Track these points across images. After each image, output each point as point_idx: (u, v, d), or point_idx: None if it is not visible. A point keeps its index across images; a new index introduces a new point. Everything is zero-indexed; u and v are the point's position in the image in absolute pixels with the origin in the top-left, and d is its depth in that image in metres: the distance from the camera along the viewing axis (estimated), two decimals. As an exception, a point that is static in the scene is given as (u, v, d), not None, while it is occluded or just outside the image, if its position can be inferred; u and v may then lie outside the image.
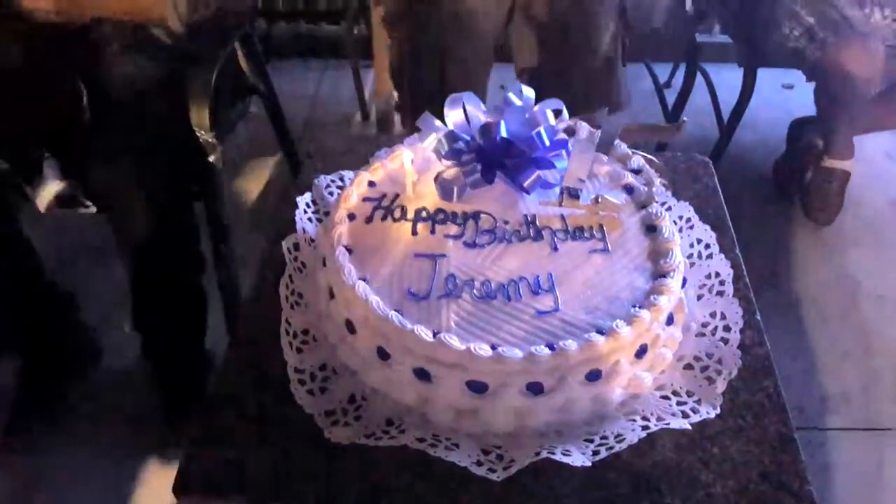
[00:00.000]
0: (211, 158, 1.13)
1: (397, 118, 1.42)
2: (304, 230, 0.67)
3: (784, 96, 1.91)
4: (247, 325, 0.66)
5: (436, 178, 0.63)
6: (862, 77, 1.36)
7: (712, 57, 1.76)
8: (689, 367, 0.58)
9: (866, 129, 1.53)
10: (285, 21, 2.03)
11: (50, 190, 1.08)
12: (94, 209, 1.10)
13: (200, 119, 1.10)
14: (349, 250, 0.59)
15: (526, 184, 0.61)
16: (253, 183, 1.62)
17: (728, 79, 1.59)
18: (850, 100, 1.41)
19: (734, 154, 1.62)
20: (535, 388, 0.52)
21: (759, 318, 0.62)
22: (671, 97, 1.73)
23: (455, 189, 0.61)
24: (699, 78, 1.63)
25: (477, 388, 0.52)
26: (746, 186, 1.63)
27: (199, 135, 1.11)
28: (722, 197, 0.72)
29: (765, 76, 1.49)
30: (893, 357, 1.29)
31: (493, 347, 0.52)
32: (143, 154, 1.03)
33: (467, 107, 0.63)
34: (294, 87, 1.80)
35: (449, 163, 0.62)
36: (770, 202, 1.62)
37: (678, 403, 0.55)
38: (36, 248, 1.14)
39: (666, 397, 0.56)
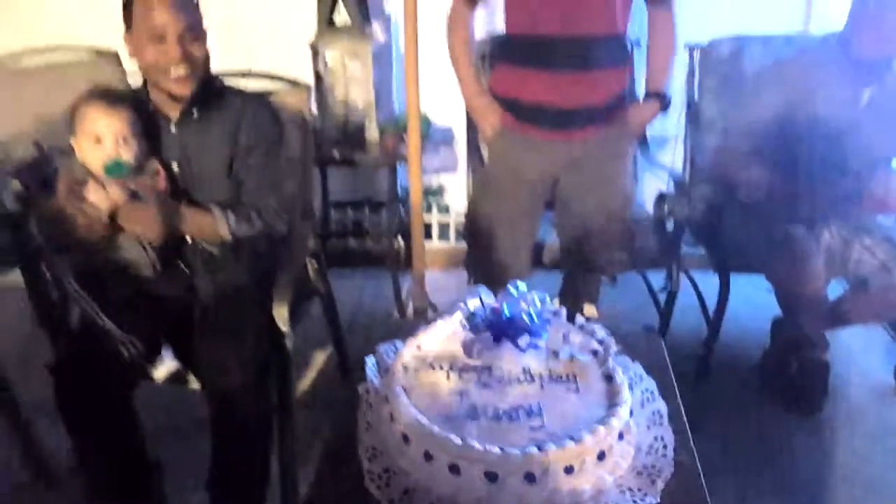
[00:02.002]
0: (287, 345, 1.51)
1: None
2: (371, 380, 1.01)
3: (769, 296, 2.28)
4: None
5: (463, 343, 0.98)
6: (808, 288, 1.71)
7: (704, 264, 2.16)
8: (639, 473, 0.86)
9: (832, 326, 1.85)
10: (336, 238, 2.56)
11: (165, 368, 1.40)
12: (198, 385, 1.44)
13: (281, 314, 1.50)
14: (404, 389, 0.93)
15: (522, 345, 0.96)
16: (309, 369, 1.97)
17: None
18: (805, 304, 1.75)
19: (725, 350, 1.94)
20: (530, 478, 0.81)
21: (692, 444, 0.91)
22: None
23: (474, 349, 0.96)
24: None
25: (491, 477, 0.82)
26: (735, 380, 1.92)
27: (279, 326, 1.49)
28: (667, 357, 1.05)
29: (750, 278, 1.83)
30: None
31: (501, 449, 0.82)
32: (239, 341, 1.40)
33: (482, 297, 1.01)
34: (343, 291, 2.25)
35: (470, 332, 0.98)
36: (757, 394, 1.89)
37: (632, 497, 0.83)
38: (141, 417, 1.45)
39: (622, 492, 0.83)
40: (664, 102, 1.71)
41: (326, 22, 2.22)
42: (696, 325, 1.97)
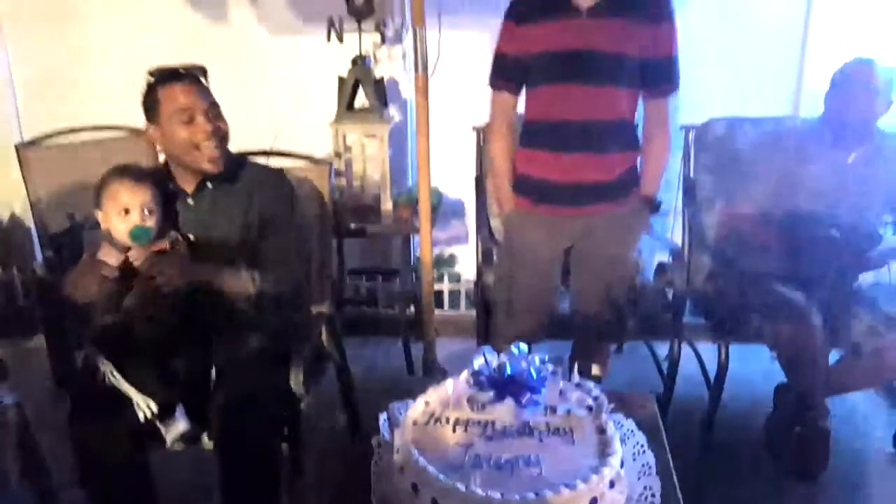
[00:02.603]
0: (302, 406, 1.60)
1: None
2: (383, 435, 1.11)
3: (772, 364, 2.34)
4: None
5: (469, 399, 1.08)
6: (810, 352, 1.80)
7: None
8: (631, 520, 0.94)
9: (832, 392, 1.91)
10: (351, 305, 2.68)
11: (177, 428, 1.49)
12: (210, 445, 1.52)
13: (297, 378, 1.59)
14: (414, 441, 1.02)
15: (523, 401, 1.06)
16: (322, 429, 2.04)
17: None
18: (808, 368, 1.83)
19: (728, 416, 2.00)
20: (528, 522, 0.89)
21: (679, 494, 0.99)
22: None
23: (479, 404, 1.06)
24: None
25: (492, 521, 0.90)
26: (738, 445, 1.98)
27: (294, 389, 1.59)
28: (658, 415, 1.13)
29: (753, 347, 1.92)
30: None
31: (502, 495, 0.91)
32: (254, 402, 1.49)
33: (487, 356, 1.11)
34: (357, 356, 2.35)
35: (475, 389, 1.08)
36: (761, 461, 1.93)
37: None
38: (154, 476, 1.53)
39: (615, 537, 0.91)
40: (654, 205, 1.86)
41: (346, 106, 2.42)
42: (701, 392, 2.04)
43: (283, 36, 2.61)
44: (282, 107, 2.62)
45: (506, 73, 1.79)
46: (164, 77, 1.55)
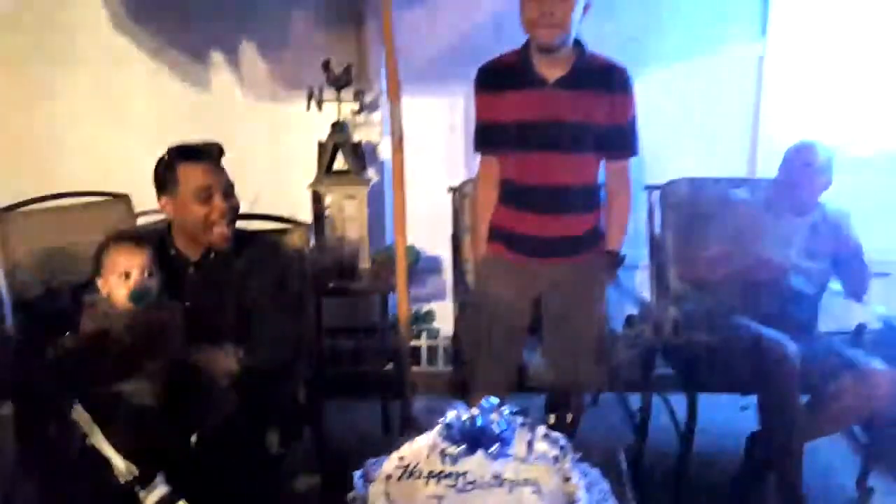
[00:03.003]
0: (278, 467, 1.63)
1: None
2: (358, 490, 1.16)
3: (742, 414, 2.40)
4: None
5: (441, 452, 1.14)
6: (785, 393, 1.85)
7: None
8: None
9: (808, 438, 1.97)
10: (330, 364, 2.72)
11: (157, 493, 1.48)
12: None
13: (272, 440, 1.63)
14: (388, 495, 1.07)
15: (493, 453, 1.12)
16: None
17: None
18: (786, 411, 1.87)
19: (700, 467, 2.05)
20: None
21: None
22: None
23: (451, 457, 1.12)
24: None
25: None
26: (710, 495, 2.03)
27: (271, 450, 1.63)
28: (624, 464, 1.20)
29: (725, 397, 2.00)
30: None
31: (472, 544, 0.96)
32: (233, 466, 1.52)
33: (458, 410, 1.18)
34: (335, 413, 2.37)
35: (447, 442, 1.14)
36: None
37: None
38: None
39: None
40: (618, 260, 1.97)
41: (326, 169, 2.53)
42: (673, 442, 2.10)
43: (265, 103, 2.74)
44: (262, 171, 2.72)
45: (486, 139, 1.93)
46: (185, 154, 1.62)
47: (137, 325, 1.50)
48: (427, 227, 2.47)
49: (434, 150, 2.57)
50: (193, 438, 1.57)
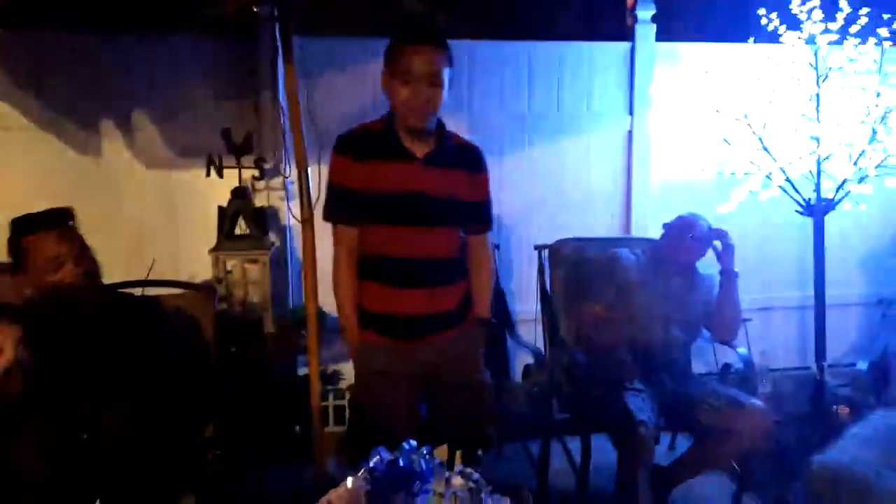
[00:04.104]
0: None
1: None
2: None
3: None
4: None
5: (366, 494, 1.27)
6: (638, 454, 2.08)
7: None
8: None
9: (688, 476, 2.23)
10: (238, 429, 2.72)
11: None
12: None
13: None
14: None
15: (415, 491, 1.26)
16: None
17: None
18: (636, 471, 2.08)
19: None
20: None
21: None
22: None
23: (375, 498, 1.25)
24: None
25: None
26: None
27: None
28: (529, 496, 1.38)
29: None
30: None
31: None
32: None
33: (381, 455, 1.32)
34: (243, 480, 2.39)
35: (371, 485, 1.28)
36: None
37: None
38: None
39: None
40: (487, 324, 2.03)
41: (227, 234, 2.62)
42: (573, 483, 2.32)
43: (160, 170, 2.81)
44: (160, 237, 2.76)
45: (348, 206, 1.86)
46: (29, 226, 1.63)
47: None
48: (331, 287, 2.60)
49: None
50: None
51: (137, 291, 2.02)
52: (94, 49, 2.71)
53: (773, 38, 2.83)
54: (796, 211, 2.88)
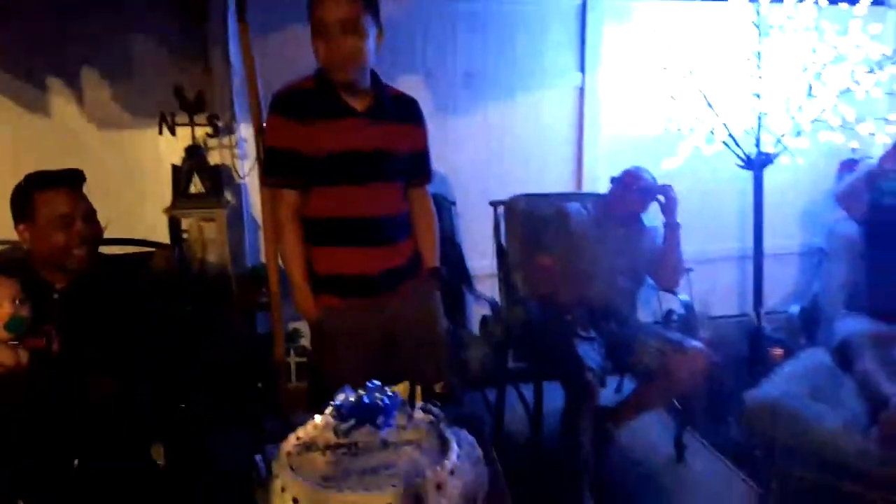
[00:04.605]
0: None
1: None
2: (261, 469, 1.36)
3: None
4: None
5: (334, 428, 1.38)
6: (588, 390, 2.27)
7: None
8: (466, 496, 1.29)
9: (635, 415, 2.41)
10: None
11: None
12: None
13: (158, 452, 1.76)
14: (290, 466, 1.29)
15: (379, 424, 1.38)
16: None
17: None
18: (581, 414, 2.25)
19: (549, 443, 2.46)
20: None
21: (503, 480, 1.36)
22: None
23: (343, 431, 1.37)
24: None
25: (362, 513, 1.20)
26: (556, 467, 2.41)
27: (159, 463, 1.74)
28: (485, 426, 1.51)
29: None
30: None
31: (366, 490, 1.21)
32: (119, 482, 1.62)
33: (347, 393, 1.43)
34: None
35: (338, 420, 1.39)
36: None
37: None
38: None
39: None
40: (438, 274, 2.08)
41: (182, 193, 2.65)
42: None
43: (111, 129, 2.80)
44: (114, 196, 2.75)
45: (291, 169, 1.83)
46: (42, 182, 1.72)
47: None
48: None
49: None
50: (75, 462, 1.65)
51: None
52: (41, 6, 2.66)
53: (719, -6, 2.97)
54: (737, 165, 3.06)
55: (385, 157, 1.88)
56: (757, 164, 3.03)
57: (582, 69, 3.16)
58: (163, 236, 2.63)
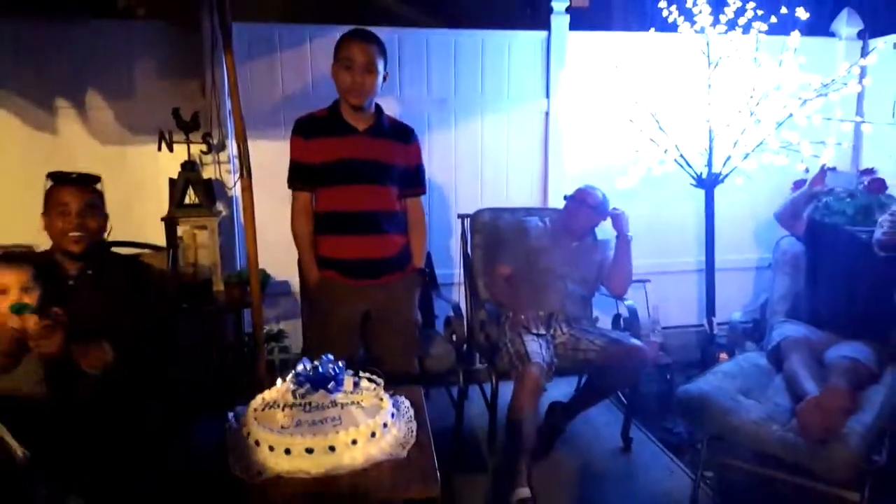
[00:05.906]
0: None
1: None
2: (232, 423, 1.72)
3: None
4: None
5: (293, 392, 1.75)
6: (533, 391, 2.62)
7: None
8: (398, 444, 1.65)
9: (588, 405, 2.79)
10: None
11: None
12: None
13: (154, 412, 2.11)
14: (256, 419, 1.65)
15: (330, 388, 1.75)
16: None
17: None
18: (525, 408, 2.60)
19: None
20: (332, 449, 1.57)
21: (430, 434, 1.72)
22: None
23: (300, 394, 1.73)
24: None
25: (308, 451, 1.56)
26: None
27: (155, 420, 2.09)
28: (422, 394, 1.87)
29: None
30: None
31: (314, 435, 1.57)
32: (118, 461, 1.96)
33: (305, 363, 1.80)
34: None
35: (297, 384, 1.76)
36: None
37: (389, 456, 1.61)
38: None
39: (385, 455, 1.61)
40: (423, 274, 2.63)
41: (178, 203, 3.04)
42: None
43: (115, 147, 3.20)
44: (116, 206, 3.14)
45: (302, 177, 2.45)
46: (57, 179, 2.16)
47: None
48: (276, 253, 3.03)
49: (281, 185, 3.17)
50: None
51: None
52: (48, 35, 3.09)
53: (672, 27, 3.36)
54: (690, 184, 3.43)
55: (379, 165, 2.43)
56: (708, 183, 3.40)
57: (547, 95, 3.56)
58: (160, 241, 3.00)
